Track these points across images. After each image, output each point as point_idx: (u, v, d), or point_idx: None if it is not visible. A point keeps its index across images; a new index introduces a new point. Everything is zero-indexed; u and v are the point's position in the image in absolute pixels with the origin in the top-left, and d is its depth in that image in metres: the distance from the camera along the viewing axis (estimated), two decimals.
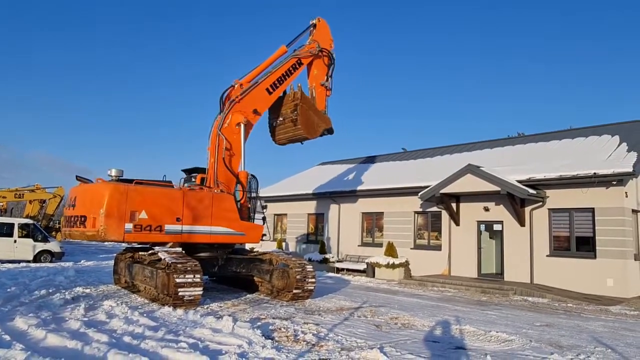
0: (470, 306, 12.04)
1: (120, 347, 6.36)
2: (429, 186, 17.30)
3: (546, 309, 11.99)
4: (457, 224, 17.82)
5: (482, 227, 17.49)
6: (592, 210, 14.59)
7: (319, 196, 23.22)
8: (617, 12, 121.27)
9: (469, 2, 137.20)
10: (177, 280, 9.67)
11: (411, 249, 19.23)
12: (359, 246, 21.39)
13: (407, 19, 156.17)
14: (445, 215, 18.17)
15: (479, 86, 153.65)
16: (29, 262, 20.08)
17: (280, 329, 8.21)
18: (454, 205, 17.78)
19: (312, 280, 11.94)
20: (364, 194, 21.05)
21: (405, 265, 18.48)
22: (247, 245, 14.21)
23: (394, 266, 18.19)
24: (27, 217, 28.67)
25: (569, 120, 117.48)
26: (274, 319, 9.23)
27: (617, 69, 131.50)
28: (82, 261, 21.57)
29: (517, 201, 15.71)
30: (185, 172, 13.78)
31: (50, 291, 11.50)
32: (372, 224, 21.36)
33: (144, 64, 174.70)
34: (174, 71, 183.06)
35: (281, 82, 13.81)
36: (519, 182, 15.32)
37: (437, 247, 18.47)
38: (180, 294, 9.72)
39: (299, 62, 14.31)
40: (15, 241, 20.13)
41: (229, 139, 12.60)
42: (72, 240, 15.76)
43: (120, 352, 6.01)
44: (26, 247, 20.36)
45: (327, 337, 7.69)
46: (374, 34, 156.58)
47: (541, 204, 15.62)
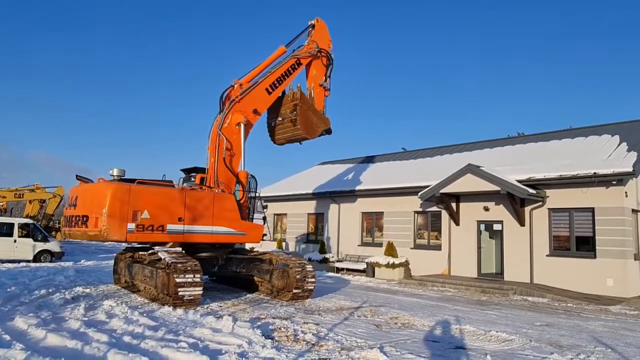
0: (470, 306, 12.05)
1: (120, 347, 6.36)
2: (429, 186, 17.30)
3: (546, 309, 11.99)
4: (457, 223, 17.83)
5: (482, 226, 17.49)
6: (592, 210, 14.60)
7: (319, 196, 23.22)
8: (617, 12, 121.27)
9: (469, 2, 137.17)
10: (177, 280, 9.68)
11: (411, 248, 19.24)
12: (358, 246, 21.39)
13: (407, 19, 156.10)
14: (445, 215, 18.17)
15: (479, 86, 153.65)
16: (28, 261, 20.08)
17: (280, 329, 8.21)
18: (453, 205, 17.78)
19: (312, 280, 11.94)
20: (364, 194, 21.05)
21: (405, 265, 18.49)
22: (247, 245, 14.21)
23: (393, 266, 18.19)
24: (27, 216, 28.67)
25: (569, 120, 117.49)
26: (273, 318, 9.23)
27: (617, 69, 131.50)
28: (82, 261, 21.58)
29: (517, 201, 15.71)
30: (184, 172, 13.77)
31: (50, 291, 11.51)
32: (372, 224, 21.36)
33: (144, 64, 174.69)
34: (174, 71, 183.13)
35: (280, 82, 13.80)
36: (519, 181, 15.32)
37: (437, 247, 18.47)
38: (180, 293, 9.72)
39: (298, 62, 14.31)
40: (15, 241, 20.13)
41: (229, 139, 12.59)
42: (72, 240, 15.75)
43: (120, 352, 6.01)
44: (26, 247, 20.36)
45: (327, 337, 7.69)
46: (374, 34, 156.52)
47: (541, 203, 15.62)
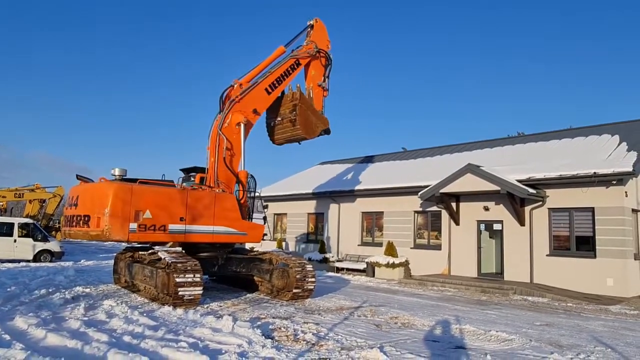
0: (470, 305, 12.04)
1: (120, 347, 6.36)
2: (429, 186, 17.30)
3: (546, 309, 11.99)
4: (457, 223, 17.82)
5: (482, 226, 17.49)
6: (592, 209, 14.59)
7: (318, 196, 23.22)
8: (617, 12, 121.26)
9: (469, 2, 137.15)
10: (177, 279, 9.67)
11: (411, 248, 19.24)
12: (358, 246, 21.39)
13: (407, 19, 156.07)
14: (445, 214, 18.17)
15: (479, 86, 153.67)
16: (28, 261, 20.08)
17: (280, 329, 8.21)
18: (453, 204, 17.78)
19: (312, 279, 11.94)
20: (364, 194, 21.05)
21: (405, 264, 18.49)
22: (247, 244, 14.21)
23: (393, 266, 18.19)
24: (27, 216, 28.66)
25: (569, 120, 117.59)
26: (273, 318, 9.23)
27: (617, 69, 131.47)
28: (82, 261, 21.57)
29: (517, 201, 15.71)
30: (183, 172, 13.76)
31: (50, 291, 11.51)
32: (372, 224, 21.36)
33: (144, 64, 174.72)
34: (174, 71, 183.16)
35: (280, 82, 13.82)
36: (519, 181, 15.31)
37: (437, 247, 18.47)
38: (180, 293, 9.72)
39: (297, 62, 14.32)
40: (15, 241, 20.12)
41: (229, 139, 12.59)
42: (72, 239, 15.75)
43: (120, 352, 6.00)
44: (26, 247, 20.36)
45: (327, 337, 7.68)
46: (373, 34, 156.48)
47: (541, 203, 15.62)
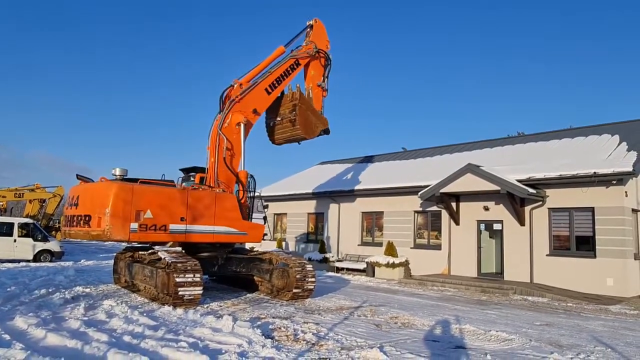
0: (470, 305, 12.04)
1: (120, 347, 6.35)
2: (429, 186, 17.30)
3: (546, 309, 11.99)
4: (457, 223, 17.82)
5: (482, 226, 17.49)
6: (592, 209, 14.59)
7: (318, 196, 23.22)
8: (617, 12, 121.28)
9: (469, 2, 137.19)
10: (177, 279, 9.67)
11: (411, 248, 19.24)
12: (358, 245, 21.39)
13: (407, 19, 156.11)
14: (445, 214, 18.17)
15: (479, 86, 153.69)
16: (28, 261, 20.08)
17: (280, 329, 8.21)
18: (453, 204, 17.78)
19: (312, 279, 11.94)
20: (364, 194, 21.05)
21: (405, 264, 18.49)
22: (247, 244, 14.21)
23: (393, 265, 18.19)
24: (27, 216, 28.67)
25: (569, 119, 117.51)
26: (273, 318, 9.23)
27: (617, 69, 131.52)
28: (82, 260, 21.58)
29: (517, 201, 15.71)
30: (183, 172, 13.76)
31: (50, 290, 11.50)
32: (372, 224, 21.35)
33: (144, 64, 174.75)
34: (174, 71, 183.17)
35: (279, 82, 13.82)
36: (519, 181, 15.31)
37: (437, 247, 18.47)
38: (180, 293, 9.71)
39: (296, 62, 14.33)
40: (15, 240, 20.12)
41: (229, 139, 12.58)
42: (72, 239, 15.75)
43: (120, 352, 6.00)
44: (26, 247, 20.36)
45: (327, 337, 7.68)
46: (373, 34, 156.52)
47: (541, 203, 15.62)
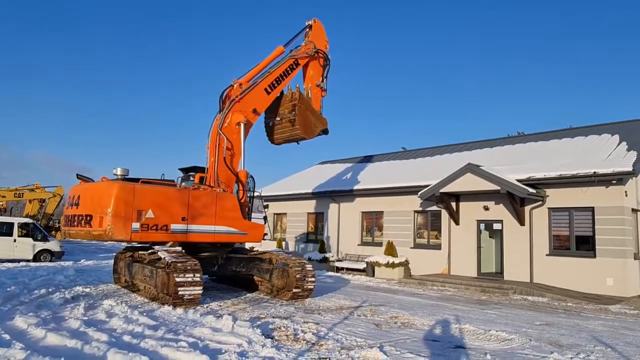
0: (469, 305, 12.04)
1: (120, 346, 6.36)
2: (429, 185, 17.30)
3: (546, 308, 11.99)
4: (456, 223, 17.82)
5: (482, 226, 17.49)
6: (591, 209, 14.59)
7: (318, 195, 23.21)
8: (617, 12, 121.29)
9: (469, 2, 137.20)
10: (177, 279, 9.67)
11: (411, 248, 19.24)
12: (358, 245, 21.39)
13: (407, 19, 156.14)
14: (445, 214, 18.17)
15: (479, 86, 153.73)
16: (28, 261, 20.09)
17: (280, 328, 8.21)
18: (453, 204, 17.78)
19: (312, 279, 11.94)
20: (364, 193, 21.05)
21: (405, 264, 18.49)
22: (247, 244, 14.21)
23: (393, 265, 18.20)
24: (26, 216, 28.66)
25: (569, 119, 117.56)
26: (273, 318, 9.23)
27: (617, 69, 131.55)
28: (82, 260, 21.57)
29: (517, 200, 15.71)
30: (182, 171, 13.76)
31: (50, 290, 11.50)
32: (372, 223, 21.35)
33: (144, 64, 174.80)
34: (174, 71, 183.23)
35: (279, 82, 13.83)
36: (519, 181, 15.31)
37: (437, 247, 18.47)
38: (180, 293, 9.71)
39: (296, 62, 14.34)
40: (15, 240, 20.13)
41: (229, 139, 12.58)
42: (72, 239, 15.75)
43: (120, 351, 6.00)
44: (26, 247, 20.36)
45: (327, 336, 7.68)
46: (373, 34, 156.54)
47: (541, 203, 15.62)
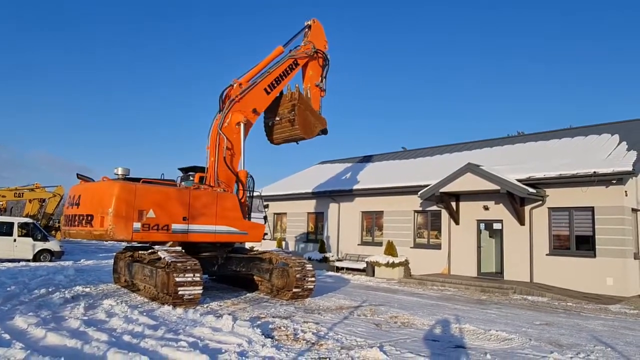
0: (469, 305, 12.04)
1: (119, 346, 6.36)
2: (429, 185, 17.29)
3: (546, 308, 11.99)
4: (456, 223, 17.82)
5: (482, 226, 17.48)
6: (591, 209, 14.59)
7: (318, 195, 23.21)
8: (617, 12, 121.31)
9: (469, 2, 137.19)
10: (177, 279, 9.67)
11: (411, 248, 19.23)
12: (358, 245, 21.39)
13: (407, 19, 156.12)
14: (445, 214, 18.17)
15: (479, 86, 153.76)
16: (28, 261, 20.08)
17: (280, 328, 8.21)
18: (453, 204, 17.77)
19: (312, 279, 11.94)
20: (364, 193, 21.05)
21: (405, 264, 18.49)
22: (247, 244, 14.21)
23: (393, 265, 18.20)
24: (26, 216, 28.65)
25: (569, 119, 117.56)
26: (273, 317, 9.23)
27: (617, 69, 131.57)
28: (82, 260, 21.58)
29: (516, 200, 15.71)
30: (182, 171, 13.75)
31: (49, 290, 11.51)
32: (372, 223, 21.35)
33: (144, 64, 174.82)
34: (174, 71, 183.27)
35: (278, 82, 13.85)
36: (519, 181, 15.30)
37: (437, 246, 18.47)
38: (180, 292, 9.71)
39: (295, 62, 14.36)
40: (14, 240, 20.12)
41: (229, 138, 12.58)
42: (72, 239, 15.74)
43: (119, 351, 6.01)
44: (26, 246, 20.36)
45: (326, 336, 7.68)
46: (374, 34, 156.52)
47: (541, 203, 15.62)
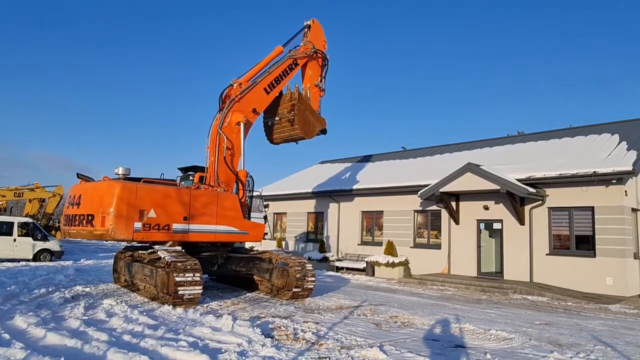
0: (469, 305, 12.04)
1: (119, 346, 6.36)
2: (429, 185, 17.30)
3: (546, 308, 11.99)
4: (456, 222, 17.82)
5: (482, 225, 17.48)
6: (591, 209, 14.59)
7: (318, 195, 23.21)
8: (618, 12, 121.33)
9: (469, 2, 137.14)
10: (177, 278, 9.66)
11: (411, 247, 19.23)
12: (358, 245, 21.38)
13: (407, 19, 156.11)
14: (445, 214, 18.17)
15: (479, 86, 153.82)
16: (28, 261, 20.09)
17: (280, 328, 8.21)
18: (453, 204, 17.77)
19: (312, 279, 11.93)
20: (364, 193, 21.04)
21: (404, 264, 18.50)
22: (247, 243, 14.21)
23: (393, 265, 18.20)
24: (26, 216, 28.65)
25: (569, 119, 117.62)
26: (273, 317, 9.23)
27: (617, 69, 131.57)
28: (82, 260, 21.58)
29: (516, 200, 15.71)
30: (182, 171, 13.75)
31: (49, 290, 11.51)
32: (372, 223, 21.35)
33: (144, 64, 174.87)
34: (174, 71, 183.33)
35: (278, 82, 13.87)
36: (519, 180, 15.31)
37: (437, 246, 18.47)
38: (179, 292, 9.71)
39: (294, 62, 14.37)
40: (14, 240, 20.12)
41: (229, 138, 12.58)
42: (72, 239, 15.74)
43: (119, 351, 6.01)
44: (26, 246, 20.37)
45: (326, 336, 7.68)
46: (373, 34, 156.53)
47: (541, 202, 15.62)
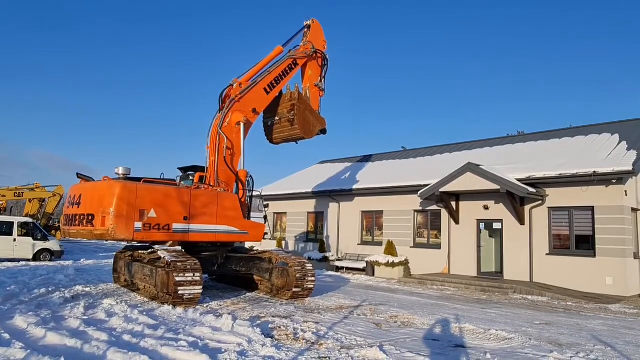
0: (469, 304, 12.05)
1: (119, 346, 6.36)
2: (429, 185, 17.30)
3: (546, 308, 12.00)
4: (456, 222, 17.82)
5: (482, 225, 17.48)
6: (591, 208, 14.59)
7: (318, 195, 23.21)
8: (618, 12, 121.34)
9: (469, 2, 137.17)
10: (177, 278, 9.66)
11: (411, 247, 19.23)
12: (358, 245, 21.39)
13: (407, 19, 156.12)
14: (445, 213, 18.17)
15: (479, 86, 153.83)
16: (28, 260, 20.10)
17: (280, 328, 8.21)
18: (453, 203, 17.77)
19: (312, 278, 11.93)
20: (364, 193, 21.04)
21: (404, 263, 18.50)
22: (247, 243, 14.21)
23: (393, 265, 18.20)
24: (26, 215, 28.65)
25: (569, 119, 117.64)
26: (273, 317, 9.23)
27: (617, 69, 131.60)
28: (82, 260, 21.59)
29: (516, 200, 15.71)
30: (182, 171, 13.75)
31: (49, 290, 11.51)
32: (372, 223, 21.35)
33: (144, 64, 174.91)
34: (174, 71, 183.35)
35: (278, 82, 13.87)
36: (519, 180, 15.31)
37: (437, 246, 18.47)
38: (179, 292, 9.71)
39: (294, 62, 14.37)
40: (14, 240, 20.13)
41: (229, 138, 12.58)
42: (72, 238, 15.75)
43: (119, 351, 6.01)
44: (26, 246, 20.37)
45: (326, 336, 7.68)
46: (373, 34, 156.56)
47: (541, 202, 15.62)
